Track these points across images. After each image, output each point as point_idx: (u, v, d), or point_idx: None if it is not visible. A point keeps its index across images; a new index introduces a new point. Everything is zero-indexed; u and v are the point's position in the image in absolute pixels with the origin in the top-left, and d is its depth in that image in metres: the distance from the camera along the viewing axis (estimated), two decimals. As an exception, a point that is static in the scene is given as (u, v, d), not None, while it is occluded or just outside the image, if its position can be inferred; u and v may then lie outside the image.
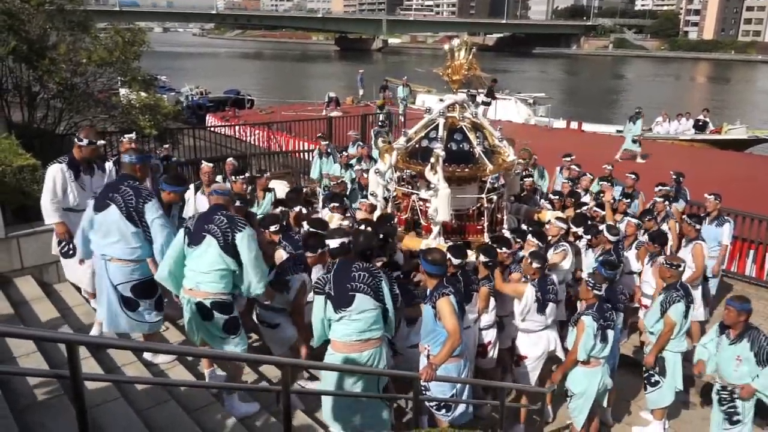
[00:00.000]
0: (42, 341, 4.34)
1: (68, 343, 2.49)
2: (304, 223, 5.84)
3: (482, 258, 5.47)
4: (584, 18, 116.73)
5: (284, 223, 5.79)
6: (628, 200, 8.06)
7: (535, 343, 5.63)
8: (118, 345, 4.12)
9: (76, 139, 5.40)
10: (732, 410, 5.06)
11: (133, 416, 3.87)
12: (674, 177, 9.18)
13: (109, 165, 5.92)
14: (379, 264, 4.96)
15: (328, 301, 4.13)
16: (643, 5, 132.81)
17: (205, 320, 4.28)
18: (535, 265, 5.43)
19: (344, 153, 10.29)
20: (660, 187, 8.44)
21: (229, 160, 8.77)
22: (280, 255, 5.25)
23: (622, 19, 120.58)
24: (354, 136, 12.89)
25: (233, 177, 7.50)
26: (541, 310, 5.47)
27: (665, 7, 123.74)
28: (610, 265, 5.75)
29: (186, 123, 18.08)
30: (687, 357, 5.83)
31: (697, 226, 7.05)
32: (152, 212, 4.55)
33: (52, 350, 4.50)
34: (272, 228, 5.43)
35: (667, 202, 8.08)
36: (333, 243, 4.28)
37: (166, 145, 10.12)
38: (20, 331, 3.25)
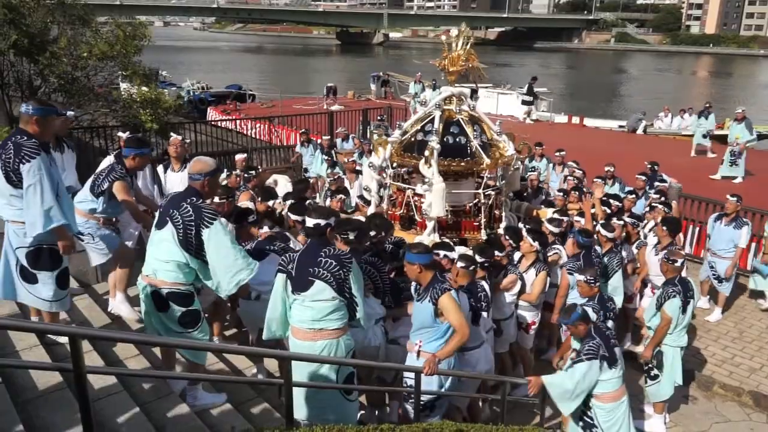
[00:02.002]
0: (44, 334, 4.34)
1: (71, 336, 2.49)
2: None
3: (460, 264, 4.99)
4: (586, 12, 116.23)
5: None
6: (633, 196, 8.02)
7: (469, 363, 4.93)
8: (122, 338, 4.08)
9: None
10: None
11: (136, 410, 3.88)
12: (649, 166, 9.33)
13: (110, 158, 5.88)
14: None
15: (288, 281, 3.95)
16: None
17: (160, 311, 3.94)
18: (460, 264, 4.90)
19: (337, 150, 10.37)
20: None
21: (240, 156, 8.86)
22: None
23: (624, 13, 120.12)
24: (343, 132, 12.89)
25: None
26: (475, 320, 4.93)
27: (667, 1, 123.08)
28: (585, 233, 5.95)
29: (187, 117, 18.06)
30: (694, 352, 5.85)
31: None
32: (29, 177, 3.89)
33: (54, 343, 4.50)
34: (250, 219, 5.46)
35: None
36: (309, 222, 4.01)
37: (189, 141, 10.12)
38: (24, 324, 3.26)
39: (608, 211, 7.27)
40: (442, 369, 4.27)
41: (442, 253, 4.95)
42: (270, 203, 6.36)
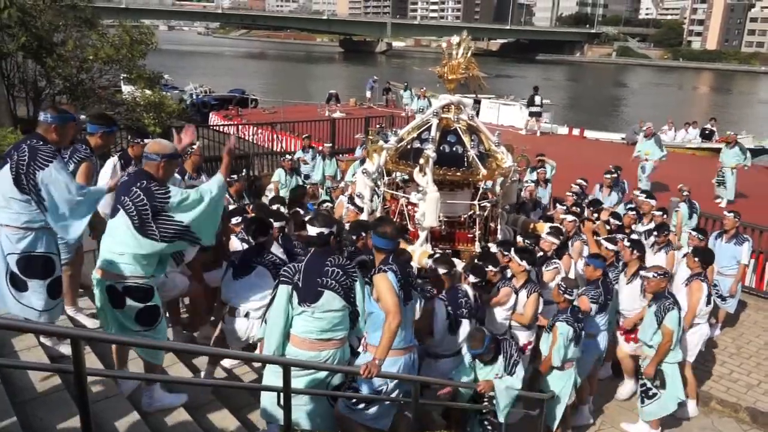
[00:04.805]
0: (44, 335, 4.33)
1: (73, 338, 2.50)
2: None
3: (471, 279, 5.02)
4: (588, 26, 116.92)
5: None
6: (634, 212, 8.01)
7: (438, 371, 4.78)
8: (124, 341, 4.06)
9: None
10: None
11: (133, 412, 3.87)
12: (612, 170, 9.49)
13: (114, 159, 5.87)
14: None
15: (294, 292, 3.79)
16: (647, 14, 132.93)
17: (115, 308, 3.71)
18: (439, 270, 4.67)
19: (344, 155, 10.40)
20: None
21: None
22: (233, 245, 5.36)
23: (626, 27, 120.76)
24: (362, 139, 12.95)
25: None
26: (452, 329, 4.72)
27: (669, 17, 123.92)
28: (599, 257, 5.89)
29: (190, 121, 18.09)
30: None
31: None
32: (49, 178, 3.71)
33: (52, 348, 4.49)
34: (234, 220, 5.41)
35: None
36: (312, 231, 3.88)
37: (197, 144, 10.10)
38: (25, 325, 3.26)
39: (608, 227, 7.40)
40: (386, 371, 3.84)
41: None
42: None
